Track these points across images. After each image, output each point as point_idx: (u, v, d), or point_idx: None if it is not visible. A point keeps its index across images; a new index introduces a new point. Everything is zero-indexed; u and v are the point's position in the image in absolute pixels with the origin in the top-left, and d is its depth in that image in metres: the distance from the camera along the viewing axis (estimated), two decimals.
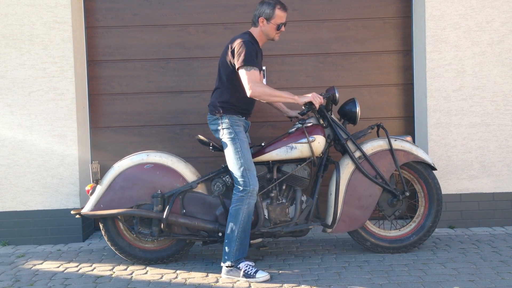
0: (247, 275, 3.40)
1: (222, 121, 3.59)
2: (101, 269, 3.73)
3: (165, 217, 3.63)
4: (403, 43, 4.76)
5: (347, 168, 3.79)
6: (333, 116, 3.81)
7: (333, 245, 4.16)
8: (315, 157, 3.68)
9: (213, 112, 3.64)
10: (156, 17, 4.68)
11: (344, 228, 3.78)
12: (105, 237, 3.77)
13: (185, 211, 3.71)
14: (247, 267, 3.43)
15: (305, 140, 3.66)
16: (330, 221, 3.78)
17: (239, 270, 3.43)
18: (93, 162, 3.86)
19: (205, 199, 3.75)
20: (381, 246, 3.86)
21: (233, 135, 3.55)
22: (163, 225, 3.65)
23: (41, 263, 3.90)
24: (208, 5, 4.69)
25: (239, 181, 3.47)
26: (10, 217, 4.40)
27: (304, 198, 3.78)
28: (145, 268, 3.74)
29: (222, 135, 3.60)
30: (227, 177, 3.69)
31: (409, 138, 3.92)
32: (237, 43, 3.52)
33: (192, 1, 4.69)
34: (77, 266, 3.82)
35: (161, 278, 3.52)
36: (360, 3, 4.72)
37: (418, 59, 4.65)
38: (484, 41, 4.50)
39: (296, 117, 4.01)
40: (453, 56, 4.49)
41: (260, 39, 3.65)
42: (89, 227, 4.62)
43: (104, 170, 4.03)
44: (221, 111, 3.59)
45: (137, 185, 3.71)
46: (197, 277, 3.52)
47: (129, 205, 3.70)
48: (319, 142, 3.67)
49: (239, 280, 3.42)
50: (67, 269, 3.76)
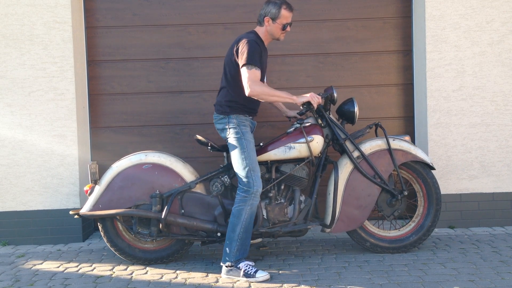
0: (247, 275, 3.40)
1: (229, 120, 3.58)
2: (101, 269, 3.73)
3: (163, 217, 3.63)
4: (403, 43, 4.76)
5: (345, 168, 3.79)
6: (331, 116, 3.81)
7: (333, 245, 4.16)
8: (313, 157, 3.67)
9: (220, 111, 3.64)
10: (156, 17, 4.69)
11: (342, 228, 3.78)
12: (104, 238, 3.77)
13: (183, 211, 3.71)
14: (247, 267, 3.43)
15: (303, 140, 3.66)
16: (328, 221, 3.77)
17: (239, 270, 3.43)
18: (92, 162, 3.86)
19: (203, 199, 3.75)
20: (381, 246, 3.86)
21: (239, 135, 3.54)
22: (161, 225, 3.65)
23: (41, 263, 3.91)
24: (208, 5, 4.69)
25: (243, 181, 3.46)
26: (10, 217, 4.40)
27: (302, 198, 3.77)
28: (145, 268, 3.74)
29: (228, 134, 3.59)
30: (226, 177, 3.69)
31: (407, 137, 3.91)
32: (241, 42, 3.51)
33: (192, 1, 4.69)
34: (77, 266, 3.83)
35: (161, 278, 3.53)
36: (360, 3, 4.72)
37: (418, 59, 4.64)
38: (484, 41, 4.49)
39: (294, 117, 4.00)
40: (453, 56, 4.49)
41: (265, 39, 3.65)
42: (89, 227, 4.63)
43: (104, 170, 4.03)
44: (228, 110, 3.59)
45: (136, 185, 3.71)
46: (197, 277, 3.52)
47: (127, 205, 3.70)
48: (317, 142, 3.67)
49: (239, 280, 3.42)
50: (67, 269, 3.76)
